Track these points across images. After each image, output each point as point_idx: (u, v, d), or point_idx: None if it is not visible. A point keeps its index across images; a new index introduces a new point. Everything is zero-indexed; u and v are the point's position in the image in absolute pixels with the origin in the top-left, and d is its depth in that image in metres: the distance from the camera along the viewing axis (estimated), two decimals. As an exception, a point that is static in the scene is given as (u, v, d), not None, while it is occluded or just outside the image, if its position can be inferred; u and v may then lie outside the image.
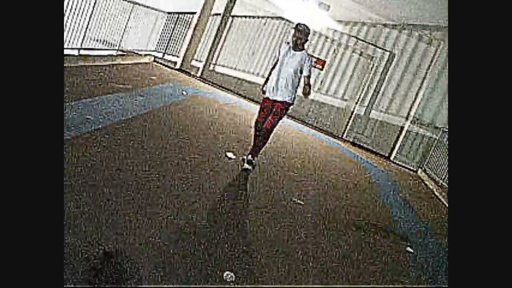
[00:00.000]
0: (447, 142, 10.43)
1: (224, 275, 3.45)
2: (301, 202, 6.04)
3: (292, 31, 6.21)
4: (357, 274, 4.52)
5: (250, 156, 6.26)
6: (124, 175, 4.53)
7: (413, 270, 5.31)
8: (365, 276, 4.55)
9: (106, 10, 9.59)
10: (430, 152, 12.46)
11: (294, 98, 6.31)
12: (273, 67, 6.38)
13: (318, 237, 5.10)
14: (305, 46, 6.27)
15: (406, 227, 6.85)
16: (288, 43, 6.32)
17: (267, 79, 6.46)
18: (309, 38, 6.24)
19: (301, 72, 6.17)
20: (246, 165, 6.21)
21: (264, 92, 6.50)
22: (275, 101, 6.24)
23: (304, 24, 6.15)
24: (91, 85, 7.42)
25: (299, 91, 6.23)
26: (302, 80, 6.22)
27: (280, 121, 6.39)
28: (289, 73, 6.12)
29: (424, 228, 7.22)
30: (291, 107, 6.49)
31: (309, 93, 6.15)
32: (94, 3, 8.88)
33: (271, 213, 5.28)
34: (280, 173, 7.03)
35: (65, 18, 8.21)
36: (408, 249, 5.90)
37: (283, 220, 5.24)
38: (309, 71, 6.17)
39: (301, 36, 6.08)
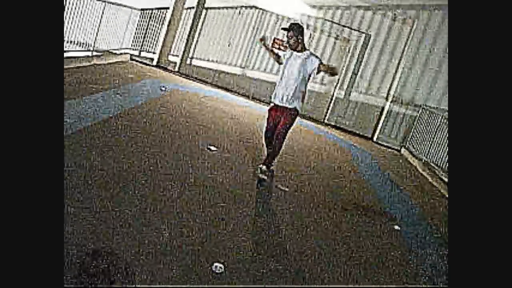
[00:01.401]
0: (447, 126, 10.48)
1: (213, 267, 3.48)
2: (285, 188, 6.08)
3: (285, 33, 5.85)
4: (346, 254, 4.58)
5: (264, 166, 5.82)
6: (106, 174, 4.52)
7: (401, 246, 5.38)
8: (354, 256, 4.61)
9: (78, 11, 9.47)
10: (412, 130, 12.57)
11: (302, 103, 5.96)
12: (275, 58, 6.18)
13: (304, 221, 5.14)
14: (306, 46, 5.94)
15: (392, 206, 6.93)
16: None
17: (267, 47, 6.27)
18: (304, 34, 5.81)
19: (306, 73, 5.79)
20: (261, 175, 5.79)
21: (261, 40, 6.22)
22: (284, 108, 5.89)
23: (294, 23, 5.80)
24: (68, 87, 7.35)
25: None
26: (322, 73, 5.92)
27: (291, 128, 6.03)
28: (294, 77, 5.77)
29: (410, 205, 7.31)
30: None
31: (335, 72, 5.87)
32: (65, 4, 8.77)
33: (255, 201, 5.31)
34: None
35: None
36: (396, 227, 5.97)
37: (268, 207, 5.27)
38: (320, 61, 5.76)
39: (293, 34, 5.69)
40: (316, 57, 5.81)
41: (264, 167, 5.82)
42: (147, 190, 4.50)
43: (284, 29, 5.82)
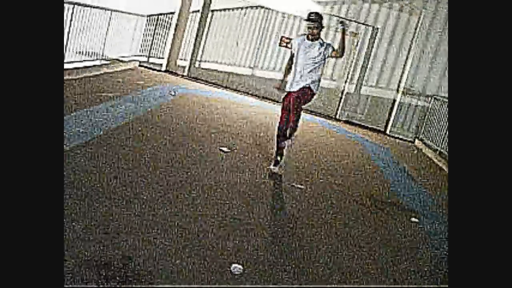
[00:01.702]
0: (448, 112, 10.42)
1: (232, 267, 3.47)
2: (301, 186, 6.06)
3: (305, 23, 6.08)
4: (365, 250, 4.55)
5: (278, 158, 6.25)
6: (121, 182, 4.54)
7: (419, 239, 5.34)
8: (374, 251, 4.58)
9: (84, 21, 9.54)
10: (425, 121, 12.48)
11: (317, 86, 6.13)
12: (289, 63, 6.26)
13: (320, 219, 5.13)
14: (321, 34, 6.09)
15: (409, 198, 6.88)
16: (301, 35, 6.25)
17: (284, 75, 6.34)
18: (323, 24, 6.06)
19: (323, 60, 6.01)
20: (273, 169, 6.18)
21: (279, 89, 6.40)
22: (296, 91, 6.03)
23: (315, 13, 6.02)
24: (79, 97, 7.41)
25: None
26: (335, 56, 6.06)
27: (301, 116, 6.19)
28: (310, 64, 5.97)
29: (427, 197, 7.25)
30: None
31: (342, 53, 6.01)
32: (71, 15, 8.83)
33: (271, 201, 5.31)
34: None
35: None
36: (413, 219, 5.93)
37: (284, 207, 5.26)
38: (332, 47, 6.01)
39: (316, 25, 5.92)
40: (329, 44, 6.07)
41: (277, 167, 6.18)
42: (161, 194, 4.51)
43: (307, 19, 5.97)
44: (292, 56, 6.21)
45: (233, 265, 3.49)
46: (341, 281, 3.81)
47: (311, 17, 5.96)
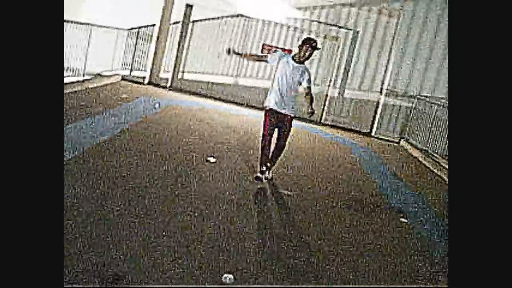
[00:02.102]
0: (447, 116, 10.49)
1: (223, 277, 3.46)
2: (289, 192, 6.07)
3: (300, 43, 6.04)
4: (356, 253, 4.56)
5: (264, 166, 6.13)
6: (108, 197, 4.50)
7: (410, 238, 5.37)
8: (366, 254, 4.59)
9: (64, 36, 9.48)
10: (409, 121, 12.58)
11: (296, 110, 6.27)
12: (258, 57, 6.63)
13: (310, 224, 5.13)
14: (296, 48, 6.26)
15: (397, 199, 6.92)
16: (281, 52, 6.28)
17: (244, 55, 6.62)
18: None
19: (299, 84, 6.07)
20: (264, 178, 6.09)
21: (228, 52, 6.47)
22: (283, 115, 6.11)
23: (315, 40, 6.06)
24: (63, 113, 7.35)
25: (298, 110, 6.41)
26: (302, 92, 6.15)
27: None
28: (293, 85, 6.05)
29: (415, 197, 7.30)
30: None
31: (312, 104, 6.06)
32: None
33: (260, 209, 5.30)
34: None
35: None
36: (402, 219, 5.96)
37: (273, 214, 5.26)
38: (310, 82, 6.10)
39: (311, 51, 5.98)
40: (309, 72, 6.12)
41: (264, 168, 6.11)
42: (149, 207, 4.48)
43: (304, 41, 6.00)
44: (264, 57, 6.41)
45: (225, 275, 3.48)
46: (335, 282, 3.81)
47: (312, 44, 5.96)
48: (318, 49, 6.09)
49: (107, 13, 12.54)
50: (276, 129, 6.21)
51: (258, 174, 6.08)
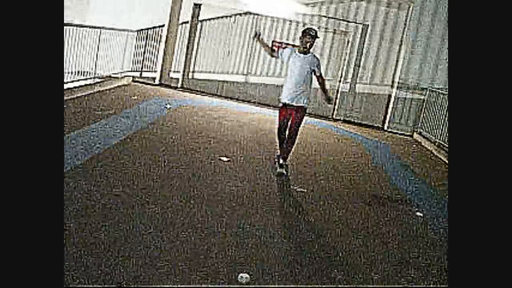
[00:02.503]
0: (447, 104, 10.42)
1: (239, 277, 3.45)
2: (302, 189, 6.05)
3: (301, 35, 6.37)
4: (373, 249, 4.53)
5: (282, 160, 6.50)
6: (123, 200, 4.52)
7: (426, 232, 5.32)
8: (381, 247, 4.56)
9: (74, 41, 9.53)
10: (422, 114, 12.48)
11: (308, 100, 6.55)
12: (271, 51, 6.68)
13: (325, 222, 5.10)
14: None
15: (411, 192, 6.87)
16: (290, 48, 6.59)
17: (264, 45, 6.83)
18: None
19: (312, 73, 6.41)
20: (280, 170, 6.43)
21: (256, 35, 6.72)
22: (295, 107, 6.43)
23: (313, 29, 6.38)
24: (75, 117, 7.39)
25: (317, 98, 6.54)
26: (316, 80, 6.49)
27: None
28: (305, 76, 6.36)
29: (429, 190, 7.24)
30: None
31: (327, 90, 6.60)
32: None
33: (275, 207, 5.28)
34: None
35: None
36: (418, 213, 5.91)
37: (288, 212, 5.24)
38: (319, 67, 6.43)
39: (312, 40, 6.28)
40: (317, 58, 6.49)
41: (281, 161, 6.48)
42: (165, 208, 4.49)
43: (303, 33, 6.32)
44: (275, 53, 6.66)
45: (240, 274, 3.47)
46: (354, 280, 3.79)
47: (311, 33, 6.26)
48: (318, 37, 6.37)
49: (116, 16, 12.61)
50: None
51: (278, 169, 6.46)
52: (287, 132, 6.53)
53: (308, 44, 6.29)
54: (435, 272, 4.32)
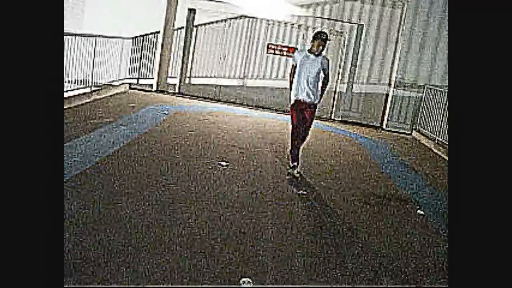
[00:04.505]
0: (447, 102, 10.43)
1: (241, 282, 3.43)
2: (303, 192, 6.03)
3: (312, 39, 6.76)
4: (375, 244, 4.52)
5: (295, 163, 6.79)
6: (122, 208, 4.50)
7: (428, 230, 5.31)
8: (383, 245, 4.55)
9: (70, 49, 9.53)
10: (420, 112, 12.47)
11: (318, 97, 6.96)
12: (292, 74, 6.93)
13: (326, 225, 5.09)
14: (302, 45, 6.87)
15: (412, 191, 6.86)
16: (302, 50, 7.07)
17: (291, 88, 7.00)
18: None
19: (322, 71, 6.83)
20: (296, 173, 6.70)
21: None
22: (309, 103, 6.80)
23: (324, 32, 6.77)
24: (72, 126, 7.38)
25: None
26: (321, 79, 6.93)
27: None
28: (314, 76, 6.76)
29: (430, 188, 7.23)
30: None
31: (324, 91, 7.09)
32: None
33: (275, 212, 5.27)
34: (279, 166, 7.01)
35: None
36: (419, 211, 5.90)
37: (289, 216, 5.23)
38: (328, 67, 6.90)
39: (323, 43, 6.69)
40: (328, 59, 6.91)
41: (298, 168, 6.76)
42: (165, 214, 4.48)
43: (315, 37, 6.75)
44: (294, 67, 6.90)
45: (243, 279, 3.46)
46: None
47: (322, 37, 6.67)
48: (329, 39, 6.82)
49: (111, 23, 12.62)
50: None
51: (289, 170, 6.77)
52: (302, 129, 6.89)
53: (321, 47, 6.70)
54: (436, 271, 4.31)
